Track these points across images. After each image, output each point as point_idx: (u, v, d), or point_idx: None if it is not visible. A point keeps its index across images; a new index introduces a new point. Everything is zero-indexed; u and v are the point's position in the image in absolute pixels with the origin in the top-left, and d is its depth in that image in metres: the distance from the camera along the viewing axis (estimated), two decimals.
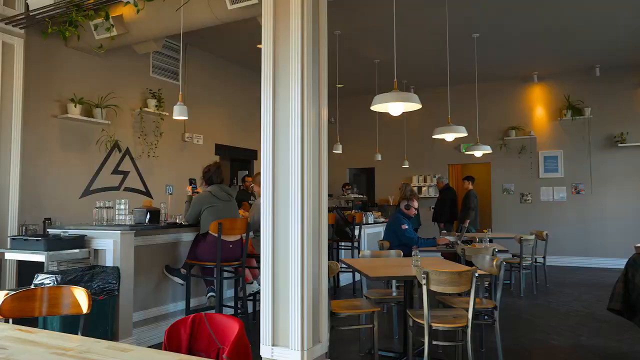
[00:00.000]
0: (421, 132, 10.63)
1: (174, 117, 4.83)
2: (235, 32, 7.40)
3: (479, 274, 3.37)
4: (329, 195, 10.51)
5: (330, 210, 7.76)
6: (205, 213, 4.56)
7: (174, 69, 7.76)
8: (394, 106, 4.06)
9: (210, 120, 8.54)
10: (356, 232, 7.32)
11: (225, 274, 4.89)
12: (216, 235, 4.32)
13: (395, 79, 4.21)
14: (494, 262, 4.00)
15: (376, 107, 4.14)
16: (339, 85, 10.39)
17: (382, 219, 8.61)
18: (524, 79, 10.10)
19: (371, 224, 8.26)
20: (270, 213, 3.34)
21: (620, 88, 9.37)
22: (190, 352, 1.92)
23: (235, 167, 10.10)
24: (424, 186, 10.96)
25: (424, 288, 3.30)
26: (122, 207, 4.39)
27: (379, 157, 9.62)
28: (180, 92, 4.92)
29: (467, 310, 3.42)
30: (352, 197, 9.56)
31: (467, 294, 4.11)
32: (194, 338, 1.94)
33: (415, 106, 4.07)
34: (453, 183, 11.01)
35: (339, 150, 8.53)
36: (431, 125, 6.47)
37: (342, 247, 7.44)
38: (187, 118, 5.05)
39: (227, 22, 5.40)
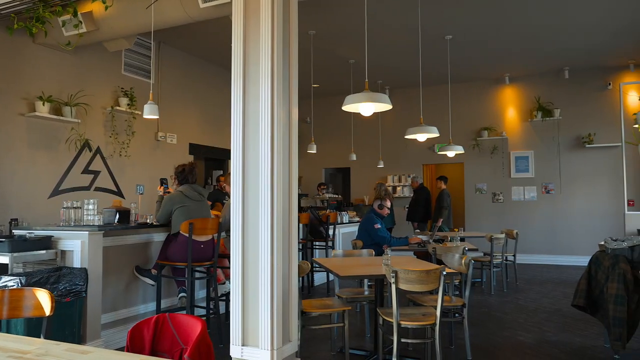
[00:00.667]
0: (396, 132, 10.72)
1: (145, 116, 4.78)
2: (209, 31, 7.35)
3: (446, 273, 3.42)
4: (305, 195, 10.54)
5: (304, 209, 7.78)
6: (177, 213, 4.53)
7: (146, 67, 7.66)
8: (365, 106, 4.10)
9: (184, 119, 8.46)
10: (330, 232, 7.34)
11: (197, 275, 4.87)
12: (187, 235, 4.29)
13: (367, 80, 4.25)
14: (463, 261, 4.07)
15: (347, 107, 4.17)
16: (315, 85, 10.42)
17: (357, 219, 8.66)
18: (496, 80, 10.29)
19: (346, 223, 8.30)
20: (240, 212, 3.34)
21: (588, 90, 9.62)
22: (153, 353, 1.91)
23: (210, 167, 10.03)
24: (398, 186, 11.06)
25: (393, 287, 3.34)
26: (91, 207, 4.32)
27: (353, 157, 9.68)
28: (151, 91, 4.87)
29: (436, 308, 3.47)
30: (327, 196, 9.59)
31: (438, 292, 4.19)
32: (158, 339, 1.93)
33: (385, 106, 4.12)
34: (427, 183, 11.14)
35: (313, 150, 8.54)
36: (406, 126, 6.54)
37: (317, 247, 7.46)
38: (157, 117, 5.00)
39: (199, 20, 5.37)
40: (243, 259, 3.31)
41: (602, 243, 4.42)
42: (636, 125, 7.91)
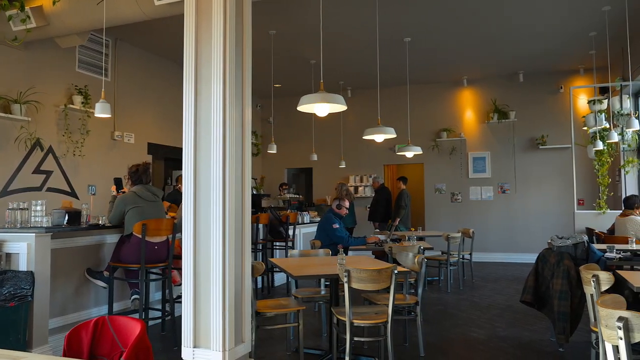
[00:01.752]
0: (357, 132, 10.78)
1: (96, 115, 4.67)
2: (168, 28, 7.23)
3: (398, 271, 3.48)
4: (267, 195, 10.50)
5: (264, 210, 7.76)
6: (130, 214, 4.44)
7: (102, 65, 7.47)
8: (320, 107, 4.13)
9: (142, 118, 8.30)
10: (290, 232, 7.35)
11: (152, 276, 4.79)
12: (140, 236, 4.21)
13: (322, 80, 4.28)
14: (416, 260, 4.16)
15: (302, 108, 4.19)
16: (276, 85, 10.41)
17: (318, 219, 8.69)
18: (455, 83, 10.52)
19: (307, 223, 8.32)
20: (191, 213, 3.31)
21: (541, 93, 9.97)
22: (92, 357, 1.88)
23: (170, 167, 9.86)
24: (360, 186, 11.17)
25: (346, 286, 3.38)
26: (39, 208, 4.18)
27: (315, 157, 9.72)
28: (103, 89, 4.75)
29: (388, 306, 3.53)
30: (288, 196, 9.58)
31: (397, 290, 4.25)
32: (97, 342, 1.89)
33: (340, 107, 4.15)
34: (388, 183, 11.29)
35: (273, 150, 8.52)
36: (367, 126, 6.60)
37: (277, 247, 7.45)
38: (110, 116, 4.89)
39: (155, 17, 5.28)
40: (194, 260, 3.28)
41: (550, 241, 4.59)
42: (585, 128, 8.24)
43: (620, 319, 2.00)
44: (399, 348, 4.35)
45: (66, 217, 4.19)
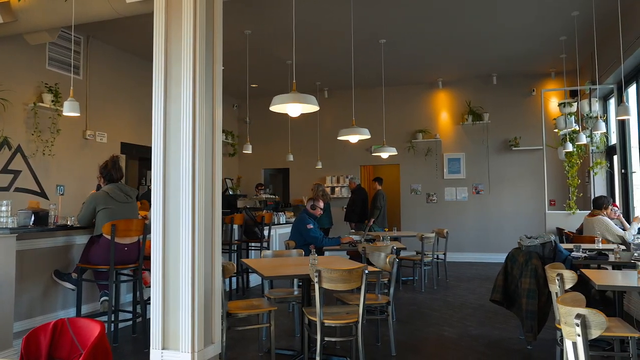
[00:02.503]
0: (334, 133, 10.74)
1: (65, 114, 4.58)
2: (141, 26, 7.12)
3: (369, 271, 3.50)
4: (243, 196, 10.45)
5: (240, 210, 7.71)
6: (100, 215, 4.33)
7: (74, 62, 7.33)
8: (292, 107, 4.13)
9: (115, 117, 8.17)
10: (265, 233, 7.32)
11: (123, 278, 4.72)
12: (109, 237, 4.14)
13: (294, 81, 4.27)
14: (387, 260, 4.19)
15: (275, 108, 4.18)
16: (253, 85, 10.36)
17: (294, 219, 8.68)
18: (430, 84, 10.64)
19: (283, 224, 8.30)
20: (160, 213, 3.27)
21: (514, 96, 10.14)
22: (50, 359, 1.84)
23: (144, 167, 9.73)
24: (337, 186, 11.20)
25: (317, 286, 3.38)
26: (4, 208, 4.07)
27: (291, 157, 9.71)
28: (72, 87, 4.66)
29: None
30: (264, 197, 9.55)
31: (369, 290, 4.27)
32: (55, 345, 1.86)
33: (312, 108, 4.16)
34: (365, 184, 11.34)
35: (249, 150, 8.48)
36: (344, 127, 6.62)
37: (252, 248, 7.42)
38: (79, 114, 4.80)
39: (127, 15, 5.20)
40: (163, 260, 3.25)
41: (519, 241, 4.67)
42: (556, 130, 8.41)
43: (578, 316, 2.05)
44: (371, 347, 4.38)
45: (32, 218, 4.10)
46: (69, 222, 4.48)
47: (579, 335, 2.05)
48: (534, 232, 5.21)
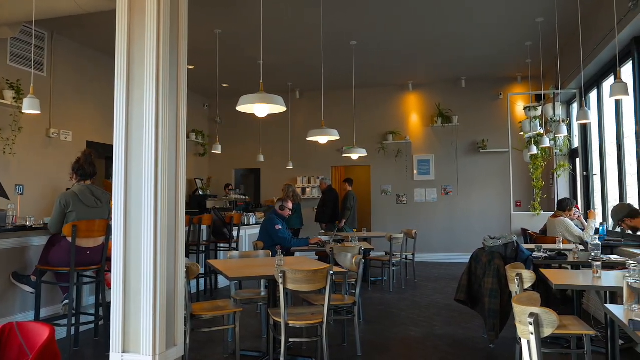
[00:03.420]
0: (306, 134, 10.74)
1: (24, 111, 4.45)
2: (107, 23, 6.97)
3: (334, 272, 3.51)
4: (214, 196, 10.35)
5: (208, 210, 7.64)
6: (67, 217, 4.16)
7: (37, 59, 7.13)
8: (259, 107, 4.11)
9: (81, 115, 7.98)
10: (235, 233, 7.27)
11: (86, 279, 4.60)
12: (70, 239, 4.03)
13: (262, 81, 4.26)
14: (354, 260, 4.21)
15: (241, 108, 4.16)
16: (224, 85, 10.29)
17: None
18: (401, 86, 10.75)
19: (253, 224, 8.26)
20: (121, 213, 3.21)
21: (482, 99, 10.34)
22: None
23: (111, 166, 9.50)
24: (308, 187, 11.20)
25: (281, 287, 3.37)
26: None
27: (261, 157, 9.68)
28: (32, 84, 4.53)
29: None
30: (233, 197, 9.48)
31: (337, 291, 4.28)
32: (3, 349, 1.80)
33: (279, 108, 4.15)
34: (336, 185, 11.36)
35: (218, 150, 8.41)
36: (315, 128, 6.62)
37: (221, 249, 7.35)
38: (39, 112, 4.67)
39: (92, 12, 5.12)
40: (124, 261, 3.19)
41: (483, 241, 4.76)
42: (522, 133, 8.61)
43: (531, 315, 2.10)
44: (338, 348, 4.39)
45: None
46: (28, 223, 4.35)
47: (532, 334, 2.10)
48: (501, 233, 5.32)
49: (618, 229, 5.75)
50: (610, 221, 5.86)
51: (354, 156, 8.07)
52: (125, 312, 3.16)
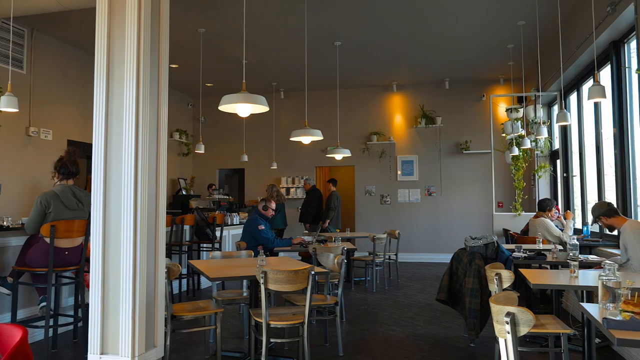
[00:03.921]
0: (290, 134, 10.81)
1: (1, 109, 4.36)
2: (89, 20, 6.89)
3: (315, 272, 3.51)
4: (197, 196, 10.28)
5: (191, 210, 7.59)
6: (46, 218, 4.08)
7: (17, 56, 7.01)
8: (242, 107, 4.09)
9: (61, 114, 7.87)
10: (218, 234, 7.23)
11: (64, 280, 4.54)
12: (49, 239, 3.97)
13: (244, 81, 4.25)
14: (336, 260, 4.22)
15: (224, 107, 4.14)
16: (208, 84, 10.23)
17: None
18: (385, 87, 10.80)
19: (236, 225, 8.22)
20: (100, 213, 3.17)
21: (465, 100, 10.44)
22: None
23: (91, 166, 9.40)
24: (292, 187, 11.19)
25: (262, 287, 3.37)
26: None
27: (245, 157, 9.64)
28: (9, 81, 4.46)
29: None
30: (216, 197, 9.43)
31: (319, 291, 4.27)
32: None
33: (262, 108, 4.14)
34: (320, 185, 11.38)
35: (201, 150, 8.36)
36: (299, 128, 6.61)
37: (203, 249, 7.31)
38: (17, 110, 4.59)
39: (72, 8, 5.05)
40: (103, 261, 3.15)
41: (465, 241, 4.80)
42: (504, 135, 8.71)
43: (508, 314, 2.13)
44: (320, 348, 4.40)
45: None
46: (5, 223, 4.28)
47: (508, 333, 2.13)
48: (482, 233, 5.37)
49: (597, 226, 5.86)
50: (590, 218, 5.96)
51: (338, 156, 8.09)
52: (104, 312, 3.12)
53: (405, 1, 6.39)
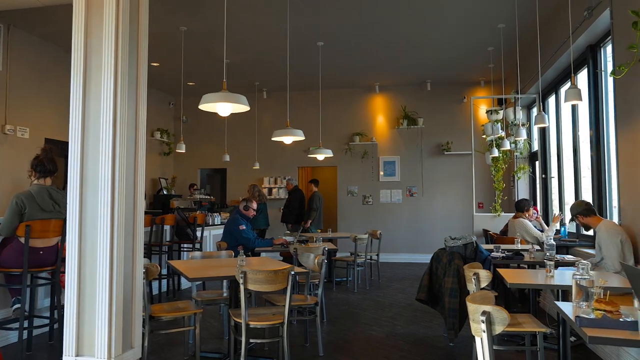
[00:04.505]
0: (272, 134, 10.80)
1: None
2: (67, 16, 6.78)
3: (296, 272, 3.51)
4: (178, 196, 10.19)
5: (172, 210, 7.52)
6: (22, 218, 3.99)
7: None
8: (222, 106, 4.07)
9: (39, 112, 7.72)
10: (199, 234, 7.18)
11: (40, 281, 4.45)
12: (23, 239, 3.89)
13: (225, 80, 4.22)
14: (316, 261, 4.22)
15: (204, 107, 4.11)
16: (190, 83, 10.15)
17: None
18: (367, 88, 10.84)
19: (218, 225, 8.17)
20: (77, 213, 3.12)
21: (447, 102, 10.53)
22: None
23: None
24: (274, 187, 11.16)
25: (242, 287, 3.35)
26: None
27: (227, 157, 9.59)
28: None
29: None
30: (197, 197, 9.36)
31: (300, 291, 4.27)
32: None
33: (243, 108, 4.12)
34: (303, 185, 11.36)
35: (182, 149, 8.29)
36: (282, 128, 6.59)
37: (184, 249, 7.24)
38: None
39: (49, 4, 4.96)
40: (79, 262, 3.10)
41: (445, 241, 4.85)
42: (484, 136, 8.81)
43: (483, 313, 2.15)
44: (300, 348, 4.39)
45: None
46: None
47: (484, 331, 2.15)
48: (463, 233, 5.43)
49: (574, 226, 5.96)
50: (568, 215, 6.06)
51: (320, 157, 8.09)
52: (80, 313, 3.07)
53: (388, 3, 6.42)
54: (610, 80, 4.86)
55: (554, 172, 7.67)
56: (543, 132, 8.01)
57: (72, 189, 3.16)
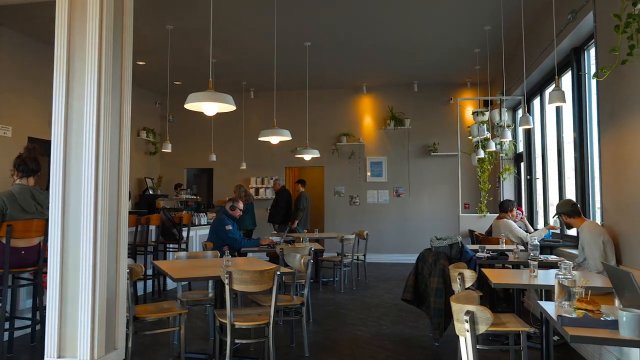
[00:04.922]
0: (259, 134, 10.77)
1: None
2: (52, 14, 6.69)
3: (281, 272, 3.50)
4: (165, 196, 10.11)
5: (157, 210, 7.46)
6: (4, 219, 3.91)
7: None
8: (208, 106, 4.05)
9: (22, 110, 7.61)
10: (185, 234, 7.13)
11: (22, 282, 4.38)
12: (5, 239, 3.83)
13: (211, 79, 4.20)
14: (302, 261, 4.22)
15: (190, 106, 4.09)
16: (177, 83, 10.09)
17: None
18: (355, 89, 10.86)
19: (204, 225, 8.12)
20: (59, 213, 3.08)
21: (433, 103, 10.59)
22: None
23: None
24: (261, 188, 11.13)
25: (227, 287, 3.33)
26: None
27: (213, 157, 9.54)
28: None
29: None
30: (184, 197, 9.30)
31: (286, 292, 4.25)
32: None
33: (229, 107, 4.10)
34: (290, 185, 11.35)
35: (168, 149, 8.23)
36: (269, 128, 6.57)
37: (170, 249, 7.19)
38: None
39: (32, 1, 4.89)
40: (62, 262, 3.06)
41: (431, 242, 4.87)
42: (470, 137, 8.88)
43: (467, 312, 2.16)
44: (286, 349, 4.38)
45: None
46: None
47: (468, 331, 2.17)
48: (449, 234, 5.46)
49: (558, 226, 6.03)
50: (553, 213, 6.12)
51: (307, 157, 8.09)
52: (62, 314, 3.03)
53: (375, 4, 6.44)
54: (594, 82, 4.92)
55: (538, 173, 7.75)
56: (528, 134, 8.10)
57: (55, 188, 3.12)
